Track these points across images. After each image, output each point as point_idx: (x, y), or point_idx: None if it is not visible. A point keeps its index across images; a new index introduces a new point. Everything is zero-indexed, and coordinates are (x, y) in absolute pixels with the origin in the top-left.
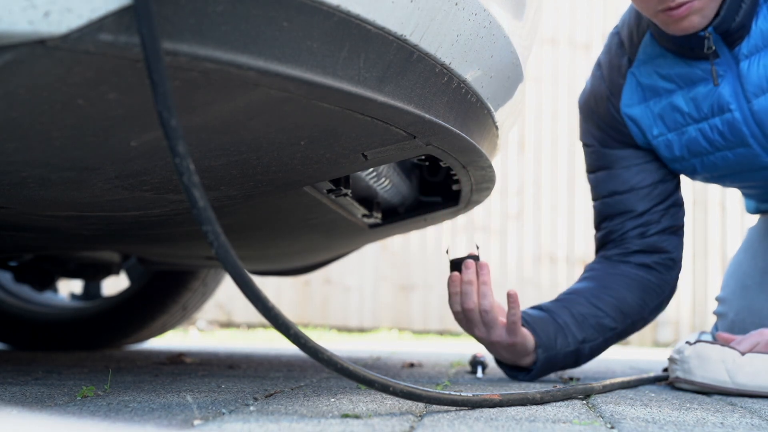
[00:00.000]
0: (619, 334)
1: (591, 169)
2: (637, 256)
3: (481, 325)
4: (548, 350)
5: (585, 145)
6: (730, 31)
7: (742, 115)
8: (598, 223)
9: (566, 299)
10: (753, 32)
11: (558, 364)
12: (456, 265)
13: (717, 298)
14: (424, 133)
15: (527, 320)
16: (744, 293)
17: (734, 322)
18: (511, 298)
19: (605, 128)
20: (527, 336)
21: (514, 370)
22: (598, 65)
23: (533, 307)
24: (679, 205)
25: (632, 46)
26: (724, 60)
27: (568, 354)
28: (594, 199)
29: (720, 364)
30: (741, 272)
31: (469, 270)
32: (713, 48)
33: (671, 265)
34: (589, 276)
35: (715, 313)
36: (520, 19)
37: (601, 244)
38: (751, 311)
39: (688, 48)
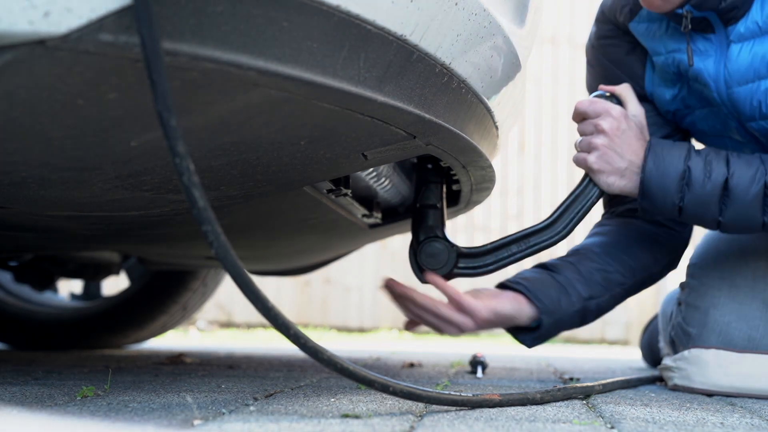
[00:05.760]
0: (627, 290)
1: None
2: None
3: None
4: (553, 314)
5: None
6: (719, 10)
7: (719, 97)
8: None
9: (573, 255)
10: (752, 13)
11: (564, 325)
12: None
13: (689, 270)
14: (424, 133)
15: (526, 286)
16: (733, 293)
17: (717, 321)
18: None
19: (617, 73)
20: (520, 304)
21: (519, 333)
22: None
23: (537, 266)
24: None
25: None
26: (718, 38)
27: (574, 314)
28: None
29: (718, 369)
30: (722, 258)
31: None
32: (689, 27)
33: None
34: (598, 231)
35: (682, 287)
36: (520, 19)
37: (609, 200)
38: (740, 316)
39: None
